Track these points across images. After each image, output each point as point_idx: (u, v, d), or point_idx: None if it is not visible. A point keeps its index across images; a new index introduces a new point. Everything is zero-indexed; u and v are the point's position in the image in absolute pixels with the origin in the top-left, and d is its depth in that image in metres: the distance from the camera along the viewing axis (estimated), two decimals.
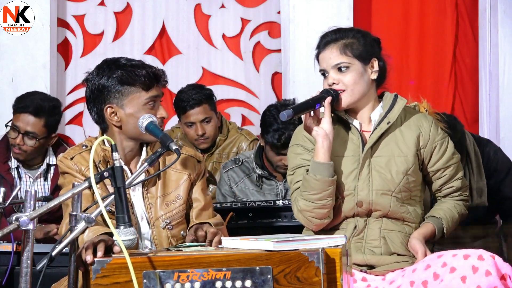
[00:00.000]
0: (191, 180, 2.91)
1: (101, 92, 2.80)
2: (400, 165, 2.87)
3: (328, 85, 2.88)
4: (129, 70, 2.78)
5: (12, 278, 3.21)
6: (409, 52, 5.31)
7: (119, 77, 2.78)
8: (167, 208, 2.85)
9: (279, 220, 3.77)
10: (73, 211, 2.32)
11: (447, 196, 3.01)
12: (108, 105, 2.80)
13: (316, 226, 2.87)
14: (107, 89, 2.79)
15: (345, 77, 2.87)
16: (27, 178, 4.12)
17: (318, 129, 2.80)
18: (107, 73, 2.80)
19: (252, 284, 2.22)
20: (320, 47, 2.94)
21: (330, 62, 2.88)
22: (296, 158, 2.94)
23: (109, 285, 2.26)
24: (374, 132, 2.88)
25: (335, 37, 2.92)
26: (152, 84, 2.79)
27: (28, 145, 4.03)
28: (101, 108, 2.82)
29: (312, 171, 2.79)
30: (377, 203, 2.85)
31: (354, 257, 2.84)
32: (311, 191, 2.80)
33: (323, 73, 2.93)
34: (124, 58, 2.85)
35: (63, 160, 2.85)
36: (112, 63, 2.82)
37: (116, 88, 2.78)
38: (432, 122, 2.97)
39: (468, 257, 2.56)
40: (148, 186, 2.85)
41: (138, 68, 2.79)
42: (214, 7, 5.43)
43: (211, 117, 4.45)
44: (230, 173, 4.19)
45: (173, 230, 2.85)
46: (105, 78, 2.79)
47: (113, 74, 2.78)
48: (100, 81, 2.80)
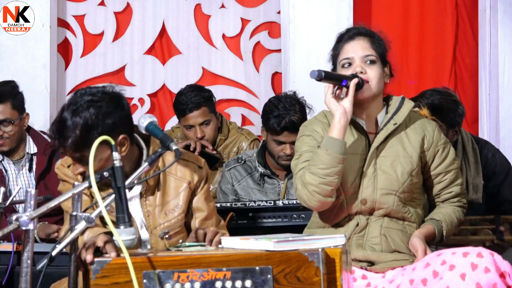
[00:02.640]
0: (191, 188, 2.88)
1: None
2: (405, 165, 2.89)
3: (354, 71, 2.87)
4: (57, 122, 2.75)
5: (12, 278, 3.21)
6: (409, 52, 5.31)
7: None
8: (165, 217, 2.83)
9: (279, 220, 3.77)
10: (73, 211, 2.32)
11: (445, 201, 3.02)
12: None
13: (318, 203, 2.82)
14: None
15: (371, 69, 2.89)
16: (12, 170, 4.11)
17: (338, 106, 2.81)
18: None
19: (252, 284, 2.22)
20: (347, 37, 2.95)
21: (360, 52, 2.90)
22: (305, 145, 2.94)
23: (109, 285, 2.26)
24: (381, 133, 2.90)
25: (366, 32, 2.96)
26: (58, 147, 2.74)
27: (7, 132, 4.03)
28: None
29: (324, 146, 2.79)
30: (381, 201, 2.87)
31: (354, 253, 2.85)
32: (320, 165, 2.78)
33: (346, 64, 2.91)
34: (82, 102, 2.70)
35: (60, 168, 2.85)
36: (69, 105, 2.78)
37: None
38: (436, 127, 3.01)
39: (467, 255, 2.57)
40: (146, 195, 2.83)
41: (57, 124, 2.72)
42: (214, 7, 5.43)
43: (210, 120, 4.45)
44: (233, 172, 4.19)
45: (171, 240, 2.83)
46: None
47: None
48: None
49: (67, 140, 2.63)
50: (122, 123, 2.69)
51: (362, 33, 2.96)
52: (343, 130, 2.80)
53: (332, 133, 2.79)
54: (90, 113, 2.63)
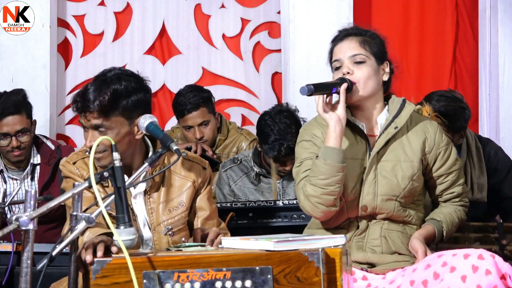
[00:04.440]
0: (195, 187, 2.89)
1: None
2: (406, 170, 2.86)
3: (342, 74, 2.85)
4: (83, 89, 2.77)
5: (12, 278, 3.21)
6: (409, 52, 5.31)
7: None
8: (169, 214, 2.84)
9: (279, 220, 3.77)
10: (73, 211, 2.31)
11: (447, 201, 3.01)
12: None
13: (323, 214, 2.81)
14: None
15: (359, 70, 2.86)
16: (11, 181, 4.09)
17: (331, 114, 2.78)
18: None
19: (252, 284, 2.22)
20: (338, 38, 2.93)
21: (347, 53, 2.87)
22: (305, 152, 2.92)
23: (109, 285, 2.26)
24: (381, 137, 2.87)
25: (356, 31, 2.94)
26: (79, 112, 2.76)
27: (24, 142, 4.03)
28: None
29: (322, 156, 2.76)
30: (382, 208, 2.85)
31: (355, 255, 2.85)
32: (320, 175, 2.76)
33: (337, 66, 2.90)
34: (111, 75, 2.78)
35: (65, 165, 2.84)
36: (97, 77, 2.81)
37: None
38: (437, 128, 2.98)
39: (468, 257, 2.56)
40: (150, 192, 2.84)
41: (83, 90, 2.76)
42: (214, 7, 5.43)
43: (209, 120, 4.45)
44: (229, 172, 4.19)
45: (175, 237, 2.84)
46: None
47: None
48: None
49: (94, 102, 2.68)
50: (144, 104, 2.75)
51: (351, 33, 2.93)
52: (339, 138, 2.78)
53: (329, 142, 2.77)
54: (120, 83, 2.71)
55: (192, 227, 2.90)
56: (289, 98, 5.00)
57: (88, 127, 2.73)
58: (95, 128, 2.71)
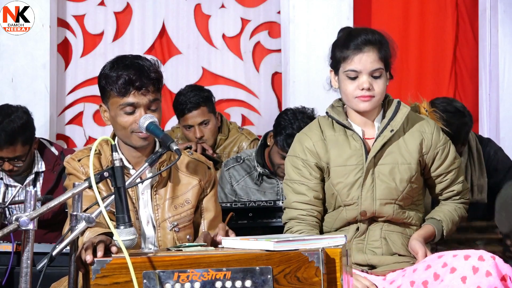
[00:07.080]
0: (201, 186, 2.89)
1: (99, 86, 2.80)
2: (403, 173, 2.85)
3: (361, 88, 2.79)
4: (114, 72, 2.73)
5: (12, 278, 3.21)
6: (409, 52, 5.31)
7: (105, 77, 2.76)
8: (175, 210, 2.84)
9: (279, 220, 3.76)
10: (73, 211, 2.31)
11: (448, 199, 3.01)
12: (101, 102, 2.80)
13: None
14: (101, 86, 2.78)
15: (377, 84, 2.81)
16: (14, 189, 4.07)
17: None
18: (107, 69, 2.78)
19: (252, 284, 2.22)
20: (355, 46, 2.81)
21: (368, 66, 2.79)
22: (294, 171, 2.91)
23: (109, 285, 2.26)
24: (378, 141, 2.85)
25: (374, 39, 2.83)
26: (128, 91, 2.70)
27: (18, 166, 3.97)
28: (100, 104, 2.82)
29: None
30: (381, 211, 2.85)
31: (355, 257, 2.84)
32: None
33: (352, 76, 2.81)
34: (132, 57, 2.80)
35: (70, 162, 2.83)
36: (117, 61, 2.79)
37: (103, 87, 2.77)
38: (435, 127, 2.94)
39: (468, 258, 2.56)
40: (157, 188, 2.83)
41: (123, 71, 2.72)
42: (214, 7, 5.43)
43: (209, 120, 4.45)
44: (231, 171, 4.19)
45: (180, 233, 2.83)
46: (103, 74, 2.77)
47: (108, 72, 2.76)
48: (101, 74, 2.79)
49: (150, 76, 2.72)
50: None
51: (371, 41, 2.82)
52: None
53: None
54: (150, 62, 2.79)
55: (197, 227, 2.91)
56: (289, 98, 5.00)
57: (141, 105, 2.71)
58: (148, 106, 2.71)
